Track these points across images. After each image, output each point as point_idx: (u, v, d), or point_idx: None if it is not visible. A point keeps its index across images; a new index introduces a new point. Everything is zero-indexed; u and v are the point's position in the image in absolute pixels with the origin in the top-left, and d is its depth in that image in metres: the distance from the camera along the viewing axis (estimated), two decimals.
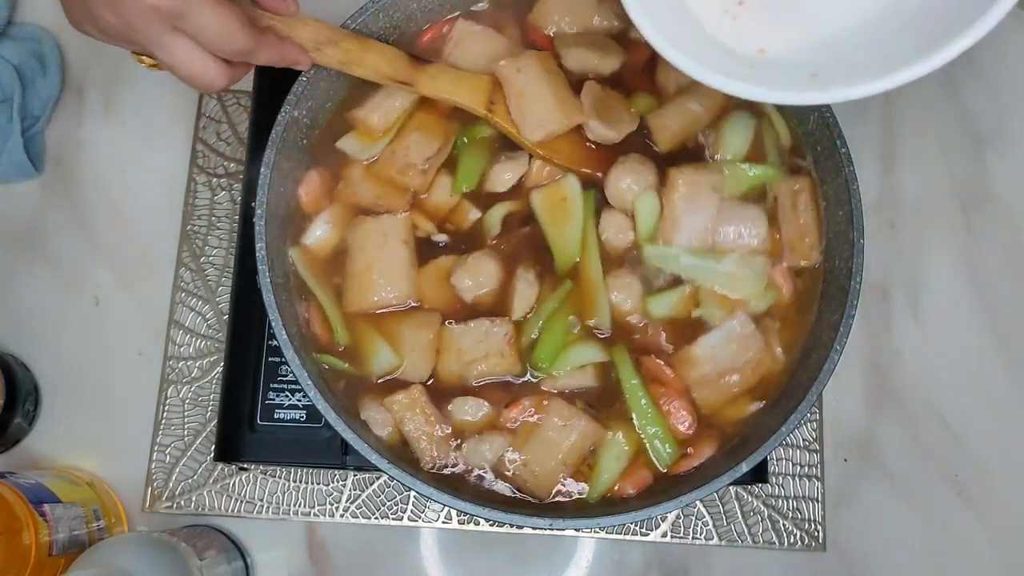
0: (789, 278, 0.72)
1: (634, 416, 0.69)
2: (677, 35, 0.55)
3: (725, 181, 0.71)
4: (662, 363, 0.70)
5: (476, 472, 0.69)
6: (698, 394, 0.70)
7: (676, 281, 0.71)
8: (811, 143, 0.73)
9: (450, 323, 0.70)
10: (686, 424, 0.69)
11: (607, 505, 0.69)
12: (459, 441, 0.69)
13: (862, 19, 0.56)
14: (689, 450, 0.69)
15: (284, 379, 0.77)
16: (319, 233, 0.72)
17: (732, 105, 0.74)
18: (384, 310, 0.71)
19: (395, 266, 0.70)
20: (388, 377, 0.70)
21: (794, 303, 0.72)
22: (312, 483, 0.83)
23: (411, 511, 0.82)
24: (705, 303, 0.71)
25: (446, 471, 0.69)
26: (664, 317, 0.71)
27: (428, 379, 0.70)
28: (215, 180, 0.89)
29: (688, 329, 0.71)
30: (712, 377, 0.70)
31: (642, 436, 0.69)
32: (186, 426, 0.84)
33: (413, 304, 0.71)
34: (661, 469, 0.69)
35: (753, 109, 0.74)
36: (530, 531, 0.82)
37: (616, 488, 0.69)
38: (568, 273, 0.72)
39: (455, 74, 0.72)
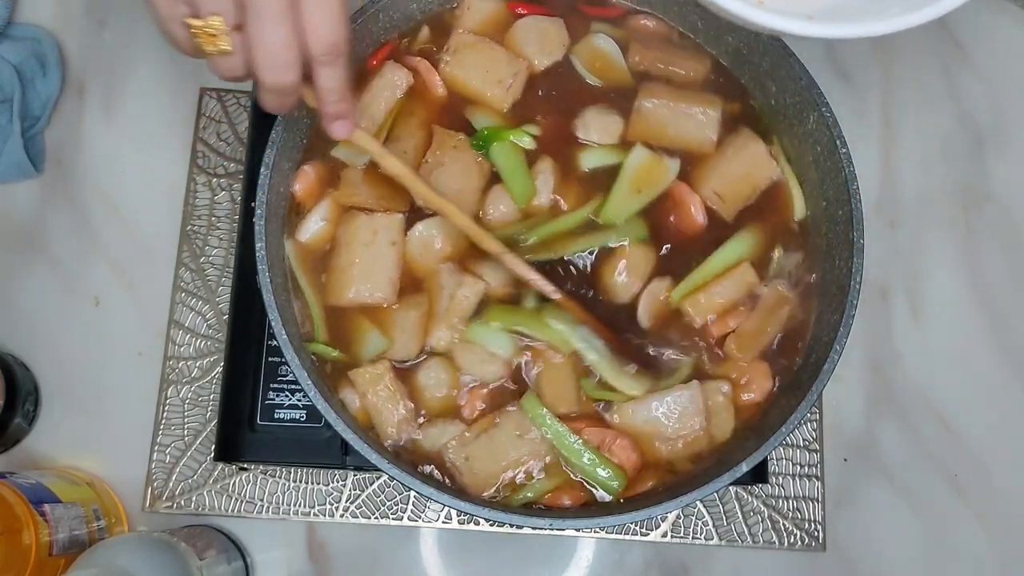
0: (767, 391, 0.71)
1: (567, 456, 0.68)
2: None
3: None
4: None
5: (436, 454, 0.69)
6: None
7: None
8: (811, 143, 0.73)
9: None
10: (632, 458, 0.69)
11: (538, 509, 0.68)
12: (421, 419, 0.69)
13: None
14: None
15: (284, 379, 0.77)
16: (313, 229, 0.72)
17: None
18: (360, 305, 0.71)
19: (378, 266, 0.70)
20: (378, 359, 0.70)
21: (760, 409, 0.71)
22: (312, 483, 0.83)
23: (411, 511, 0.82)
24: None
25: (406, 448, 0.69)
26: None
27: (418, 356, 0.70)
28: (215, 180, 0.89)
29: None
30: (643, 436, 0.69)
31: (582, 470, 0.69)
32: (186, 426, 0.84)
33: (392, 305, 0.71)
34: (609, 497, 0.69)
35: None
36: (530, 531, 0.82)
37: (547, 498, 0.69)
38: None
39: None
